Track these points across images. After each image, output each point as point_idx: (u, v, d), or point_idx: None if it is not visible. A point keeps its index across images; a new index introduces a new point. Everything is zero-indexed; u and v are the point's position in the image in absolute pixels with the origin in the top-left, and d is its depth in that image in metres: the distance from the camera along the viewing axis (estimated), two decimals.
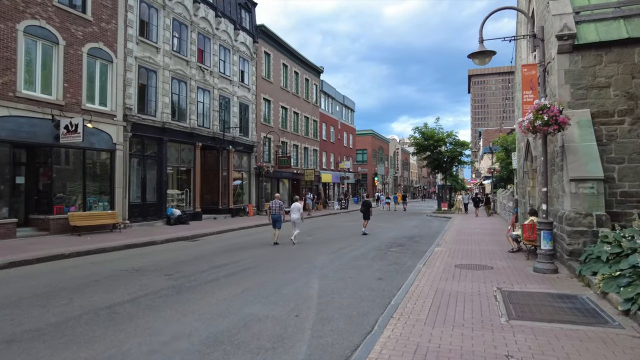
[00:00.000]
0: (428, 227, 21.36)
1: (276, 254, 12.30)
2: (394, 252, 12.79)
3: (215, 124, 23.74)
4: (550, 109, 7.85)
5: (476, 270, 9.00)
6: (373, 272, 9.52)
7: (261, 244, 14.58)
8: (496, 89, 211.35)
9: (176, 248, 13.58)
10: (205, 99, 23.25)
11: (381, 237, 16.71)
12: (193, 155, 22.15)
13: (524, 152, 15.44)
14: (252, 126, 27.59)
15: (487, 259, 10.45)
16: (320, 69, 39.16)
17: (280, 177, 31.42)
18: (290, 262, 10.93)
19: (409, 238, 16.50)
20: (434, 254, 11.37)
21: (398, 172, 78.20)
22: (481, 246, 13.01)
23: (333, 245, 14.05)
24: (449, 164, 33.09)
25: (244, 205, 26.41)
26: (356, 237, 16.75)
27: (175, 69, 20.68)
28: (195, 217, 21.87)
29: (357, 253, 12.41)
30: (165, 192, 20.01)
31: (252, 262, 10.89)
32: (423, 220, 26.84)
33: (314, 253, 12.37)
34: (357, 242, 14.97)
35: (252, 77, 27.83)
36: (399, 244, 14.75)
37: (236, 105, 25.89)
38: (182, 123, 21.09)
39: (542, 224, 8.50)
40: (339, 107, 46.67)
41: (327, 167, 42.18)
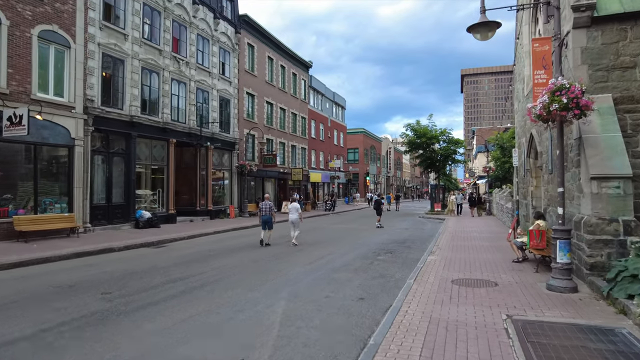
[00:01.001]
0: (420, 230, 19.85)
1: (246, 264, 10.68)
2: (381, 260, 11.23)
3: (192, 118, 22.04)
4: (571, 89, 6.32)
5: (478, 287, 7.45)
6: (354, 288, 7.94)
7: (235, 250, 12.96)
8: (489, 89, 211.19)
9: (134, 256, 11.91)
10: (181, 91, 21.53)
11: (369, 242, 15.15)
12: (166, 152, 20.43)
13: (526, 148, 13.96)
14: (233, 122, 25.90)
15: (489, 271, 8.92)
16: (309, 64, 37.53)
17: (265, 176, 29.76)
18: (260, 274, 9.32)
19: (399, 243, 14.95)
20: (427, 265, 9.82)
21: (390, 171, 76.81)
22: (480, 254, 11.48)
23: (313, 253, 12.46)
24: (442, 162, 31.63)
25: (224, 207, 24.72)
26: (342, 241, 15.18)
27: (146, 59, 18.95)
28: (169, 220, 20.16)
29: (339, 263, 10.82)
30: (134, 193, 18.28)
31: (216, 274, 9.28)
32: (415, 222, 25.35)
33: (290, 263, 10.78)
34: (342, 249, 13.39)
35: (234, 69, 26.14)
36: (388, 250, 13.19)
37: (216, 99, 24.19)
38: (153, 117, 19.37)
39: (558, 232, 6.97)
40: (329, 104, 45.08)
41: (317, 166, 40.58)
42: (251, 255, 12.13)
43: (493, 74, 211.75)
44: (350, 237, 16.64)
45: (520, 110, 15.90)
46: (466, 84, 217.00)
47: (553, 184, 10.28)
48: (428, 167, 32.29)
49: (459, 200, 28.73)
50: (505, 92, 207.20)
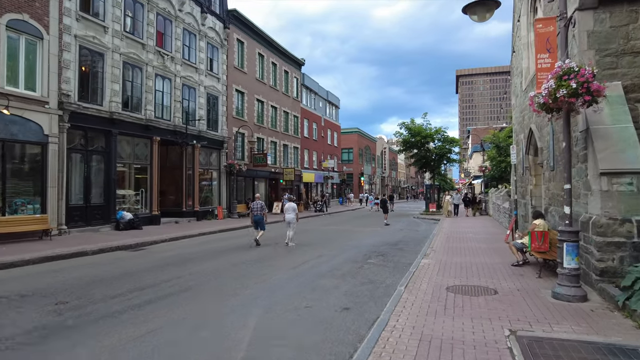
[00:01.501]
0: (414, 231, 19.12)
1: (227, 268, 9.88)
2: (372, 264, 10.47)
3: (178, 116, 21.20)
4: (580, 72, 5.59)
5: (475, 295, 6.70)
6: (340, 296, 7.18)
7: (217, 253, 12.15)
8: (484, 89, 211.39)
9: (107, 261, 11.07)
10: (166, 87, 20.70)
11: (360, 244, 14.39)
12: (150, 150, 19.58)
13: (525, 144, 13.26)
14: (222, 120, 25.07)
15: (487, 277, 8.18)
16: (301, 61, 36.76)
17: (255, 176, 28.94)
18: (239, 280, 8.54)
19: (391, 245, 14.20)
20: (420, 269, 9.07)
21: (385, 172, 76.18)
22: (477, 257, 10.74)
23: (301, 256, 11.68)
24: (437, 162, 30.93)
25: (212, 208, 23.87)
26: (332, 243, 14.40)
27: (128, 53, 18.11)
28: (153, 221, 19.30)
29: (326, 267, 10.05)
30: (114, 193, 17.42)
31: (192, 280, 8.48)
32: (409, 222, 24.62)
33: (273, 267, 9.99)
34: (331, 251, 12.62)
35: (223, 66, 25.32)
36: (380, 252, 12.44)
37: (203, 96, 23.36)
38: (135, 114, 18.52)
39: (565, 234, 6.24)
40: (323, 103, 44.33)
41: (310, 166, 39.81)
42: (234, 258, 11.34)
43: (488, 74, 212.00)
44: (341, 239, 15.88)
45: (518, 105, 15.22)
46: (461, 85, 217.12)
47: (555, 182, 9.58)
48: (423, 166, 31.58)
49: (456, 200, 27.25)
50: (500, 93, 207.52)
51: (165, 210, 21.83)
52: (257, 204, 13.76)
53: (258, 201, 13.97)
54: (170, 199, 22.83)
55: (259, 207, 13.65)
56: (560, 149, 9.14)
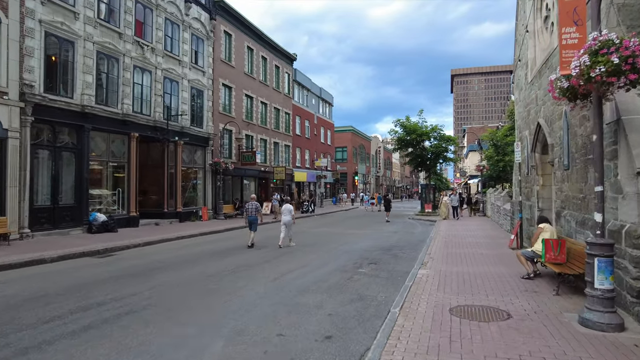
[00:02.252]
0: (410, 234, 17.96)
1: (197, 280, 8.65)
2: (363, 275, 9.28)
3: (158, 111, 19.89)
4: (624, 44, 4.42)
5: (485, 321, 5.52)
6: (322, 319, 5.99)
7: (191, 261, 10.90)
8: (479, 89, 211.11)
9: (64, 270, 9.80)
10: (145, 80, 19.38)
11: (352, 249, 13.21)
12: (127, 147, 18.26)
13: (531, 141, 12.12)
14: (207, 115, 23.77)
15: (496, 293, 7.01)
16: (293, 56, 35.50)
17: (244, 175, 27.66)
18: (207, 296, 7.33)
19: (385, 250, 13.03)
20: (418, 282, 7.89)
21: (380, 171, 75.11)
22: (480, 266, 9.59)
23: (284, 264, 10.47)
24: (433, 160, 29.80)
25: (196, 209, 22.58)
26: (321, 248, 13.19)
27: (103, 42, 16.78)
28: (130, 223, 18.00)
29: (311, 278, 8.85)
30: (87, 193, 16.11)
31: (151, 297, 7.26)
32: (405, 224, 23.49)
33: (250, 279, 8.78)
34: (319, 259, 11.41)
35: (208, 58, 24.02)
36: (372, 260, 11.25)
37: (186, 90, 22.06)
38: (111, 108, 17.20)
39: (597, 247, 5.08)
40: (315, 100, 43.09)
41: (302, 165, 38.58)
42: (210, 266, 10.11)
43: (483, 74, 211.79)
44: (331, 243, 14.69)
45: (523, 99, 14.09)
46: (456, 84, 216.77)
47: (571, 182, 8.43)
48: (418, 165, 30.44)
49: (455, 202, 24.54)
50: (495, 92, 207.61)
51: (145, 212, 20.54)
52: (252, 204, 13.63)
53: (253, 202, 13.82)
54: (152, 199, 21.53)
55: (253, 207, 13.53)
56: (577, 145, 8.00)
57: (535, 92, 12.05)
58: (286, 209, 13.71)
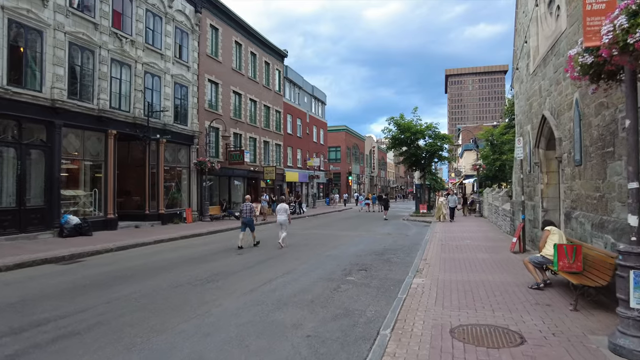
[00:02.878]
0: (404, 236, 17.01)
1: (162, 291, 7.61)
2: (351, 284, 8.30)
3: (138, 107, 18.80)
4: None
5: (495, 347, 4.54)
6: (298, 343, 5.00)
7: (164, 268, 9.85)
8: (473, 89, 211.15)
9: (17, 280, 8.74)
10: (124, 74, 18.29)
11: (341, 253, 12.23)
12: (104, 145, 17.17)
13: (534, 136, 11.21)
14: (192, 112, 22.70)
15: (504, 308, 6.04)
16: (284, 53, 34.48)
17: (232, 175, 26.60)
18: (167, 312, 6.31)
19: (377, 255, 12.06)
20: (412, 294, 6.92)
21: (374, 171, 74.23)
22: (482, 274, 8.64)
23: (265, 272, 9.46)
24: (427, 160, 28.90)
25: (180, 210, 21.49)
26: (307, 253, 12.18)
27: (76, 32, 15.69)
28: (108, 226, 16.92)
29: (292, 289, 7.85)
30: (58, 194, 15.00)
31: (103, 313, 6.25)
32: (398, 225, 22.54)
33: (223, 291, 7.77)
34: (304, 264, 10.42)
35: (193, 53, 22.96)
36: (363, 266, 10.27)
37: (169, 85, 20.98)
38: (86, 103, 16.11)
39: (633, 257, 4.13)
40: (308, 99, 42.09)
41: (294, 165, 37.56)
42: (181, 275, 9.08)
43: (477, 74, 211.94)
44: (321, 247, 13.69)
45: (524, 92, 13.18)
46: (450, 84, 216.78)
47: (584, 179, 7.50)
48: (412, 165, 29.52)
49: (452, 203, 22.74)
50: (489, 93, 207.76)
51: (126, 213, 19.48)
52: (247, 205, 13.51)
53: (248, 203, 13.68)
54: (133, 201, 20.45)
55: (248, 209, 13.42)
56: (592, 137, 7.06)
57: (538, 83, 11.14)
58: (282, 208, 13.65)
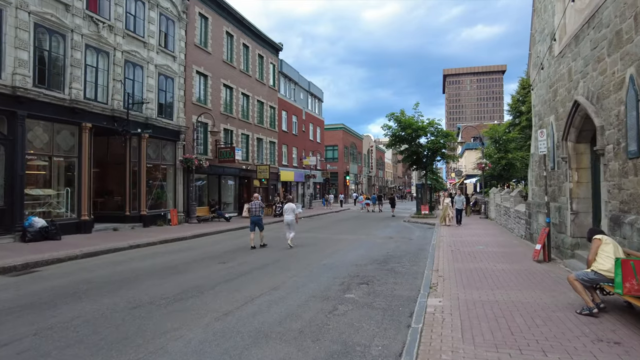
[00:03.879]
0: (407, 241, 15.49)
1: (114, 315, 6.05)
2: (350, 303, 6.79)
3: (117, 98, 17.20)
4: None
5: None
6: None
7: (128, 281, 8.26)
8: (471, 89, 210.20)
9: None
10: (101, 62, 16.69)
11: (338, 262, 10.69)
12: (78, 140, 15.56)
13: (562, 127, 9.69)
14: (178, 106, 21.10)
15: (557, 347, 4.50)
16: (279, 46, 32.90)
17: (222, 173, 25.00)
18: (113, 349, 4.76)
19: (380, 264, 10.53)
20: (429, 322, 5.39)
21: (372, 171, 72.75)
22: (511, 291, 7.10)
23: (247, 288, 7.91)
24: (429, 158, 27.37)
25: (164, 211, 19.89)
26: (300, 261, 10.62)
27: (43, 13, 14.09)
28: (81, 229, 15.32)
29: (277, 312, 6.31)
30: (21, 193, 13.40)
31: (28, 349, 4.68)
32: (400, 228, 21.03)
33: (190, 313, 6.22)
34: (295, 276, 8.87)
35: (180, 42, 21.36)
36: (363, 278, 8.75)
37: (153, 76, 19.37)
38: (55, 92, 14.50)
39: None
40: (304, 95, 40.53)
41: (289, 164, 36.00)
42: (145, 291, 7.51)
43: (475, 74, 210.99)
44: (315, 254, 12.15)
45: (544, 79, 11.67)
46: (448, 84, 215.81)
47: None
48: (413, 163, 27.98)
49: (459, 204, 20.15)
50: (487, 93, 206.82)
51: (105, 215, 17.93)
52: (255, 204, 13.29)
53: (256, 201, 13.42)
54: (113, 201, 18.87)
55: (257, 207, 13.21)
56: None
57: (567, 66, 9.62)
58: (289, 207, 13.46)
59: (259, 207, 13.27)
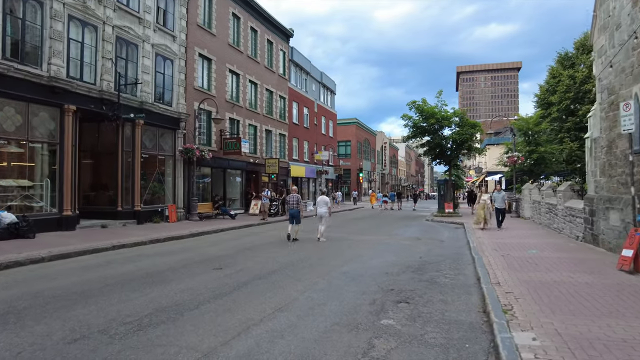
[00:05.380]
0: (438, 243, 13.24)
1: (39, 356, 3.97)
2: (391, 335, 4.65)
3: (107, 79, 15.21)
4: None
5: None
6: None
7: (92, 295, 6.17)
8: (485, 86, 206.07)
9: None
10: (88, 37, 14.71)
11: (363, 270, 8.49)
12: (59, 124, 13.60)
13: None
14: (178, 91, 19.06)
15: None
16: (290, 32, 30.77)
17: (227, 167, 22.94)
18: None
19: (415, 272, 8.33)
20: None
21: (386, 168, 70.28)
22: (630, 319, 4.84)
23: (242, 307, 5.77)
24: (454, 151, 24.94)
25: (161, 207, 17.87)
26: (311, 271, 8.44)
27: None
28: (63, 225, 13.37)
29: (285, 353, 4.14)
30: None
31: None
32: (424, 227, 18.76)
33: (153, 354, 4.08)
34: (307, 294, 6.68)
35: (181, 21, 19.33)
36: (400, 294, 6.56)
37: (149, 56, 17.36)
38: (30, 68, 12.54)
39: None
40: (316, 86, 38.34)
41: (300, 158, 33.86)
42: (103, 311, 5.42)
43: (489, 71, 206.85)
44: (332, 259, 9.97)
45: (626, 40, 9.27)
46: (462, 82, 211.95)
47: None
48: (436, 157, 25.58)
49: (499, 202, 15.78)
50: (502, 90, 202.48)
51: (95, 210, 16.09)
52: (293, 197, 13.36)
53: (294, 194, 13.51)
54: (105, 195, 16.92)
55: (295, 200, 13.24)
56: None
57: None
58: (322, 200, 13.48)
59: (297, 200, 13.24)
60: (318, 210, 13.40)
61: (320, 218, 13.24)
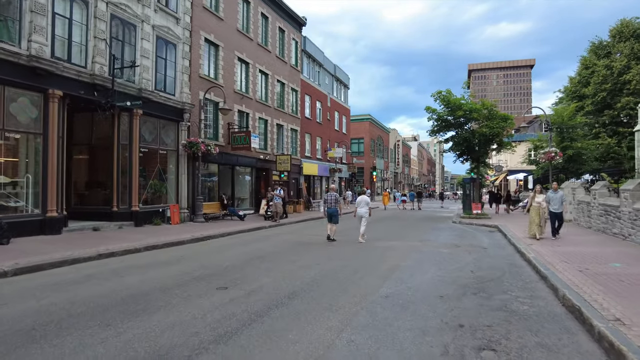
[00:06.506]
0: (481, 250, 11.23)
1: None
2: None
3: (100, 61, 13.44)
4: None
5: None
6: None
7: (28, 340, 4.33)
8: (497, 84, 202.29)
9: None
10: (76, 13, 12.95)
11: (409, 290, 6.52)
12: (43, 111, 11.84)
13: None
14: (182, 79, 17.25)
15: None
16: (302, 20, 28.84)
17: (235, 163, 21.11)
18: None
19: (476, 294, 6.38)
20: None
21: (399, 167, 68.09)
22: None
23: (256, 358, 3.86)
24: (483, 146, 22.83)
25: (162, 207, 16.07)
26: (344, 291, 6.50)
27: None
28: (47, 228, 11.63)
29: None
30: None
31: None
32: (456, 230, 16.73)
33: None
34: (344, 333, 4.74)
35: (185, 2, 17.52)
36: (476, 335, 4.59)
37: (149, 39, 15.57)
38: (5, 45, 10.79)
39: None
40: (329, 79, 36.38)
41: (312, 155, 31.94)
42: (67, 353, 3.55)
43: (502, 69, 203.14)
44: (364, 274, 8.02)
45: None
46: (473, 80, 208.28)
47: None
48: (463, 153, 23.46)
49: (556, 204, 12.59)
50: (514, 88, 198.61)
51: (89, 211, 14.45)
52: (331, 195, 13.02)
53: (332, 192, 13.16)
54: (100, 194, 15.20)
55: (333, 198, 12.94)
56: None
57: None
58: (362, 200, 13.01)
59: (335, 199, 12.94)
60: (358, 210, 12.90)
61: (360, 218, 12.70)
